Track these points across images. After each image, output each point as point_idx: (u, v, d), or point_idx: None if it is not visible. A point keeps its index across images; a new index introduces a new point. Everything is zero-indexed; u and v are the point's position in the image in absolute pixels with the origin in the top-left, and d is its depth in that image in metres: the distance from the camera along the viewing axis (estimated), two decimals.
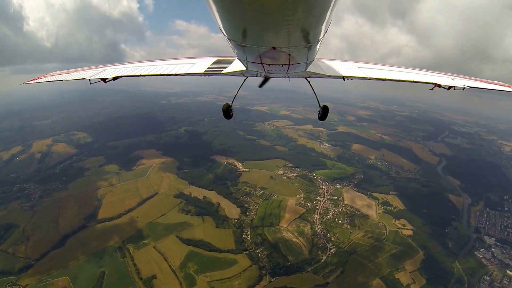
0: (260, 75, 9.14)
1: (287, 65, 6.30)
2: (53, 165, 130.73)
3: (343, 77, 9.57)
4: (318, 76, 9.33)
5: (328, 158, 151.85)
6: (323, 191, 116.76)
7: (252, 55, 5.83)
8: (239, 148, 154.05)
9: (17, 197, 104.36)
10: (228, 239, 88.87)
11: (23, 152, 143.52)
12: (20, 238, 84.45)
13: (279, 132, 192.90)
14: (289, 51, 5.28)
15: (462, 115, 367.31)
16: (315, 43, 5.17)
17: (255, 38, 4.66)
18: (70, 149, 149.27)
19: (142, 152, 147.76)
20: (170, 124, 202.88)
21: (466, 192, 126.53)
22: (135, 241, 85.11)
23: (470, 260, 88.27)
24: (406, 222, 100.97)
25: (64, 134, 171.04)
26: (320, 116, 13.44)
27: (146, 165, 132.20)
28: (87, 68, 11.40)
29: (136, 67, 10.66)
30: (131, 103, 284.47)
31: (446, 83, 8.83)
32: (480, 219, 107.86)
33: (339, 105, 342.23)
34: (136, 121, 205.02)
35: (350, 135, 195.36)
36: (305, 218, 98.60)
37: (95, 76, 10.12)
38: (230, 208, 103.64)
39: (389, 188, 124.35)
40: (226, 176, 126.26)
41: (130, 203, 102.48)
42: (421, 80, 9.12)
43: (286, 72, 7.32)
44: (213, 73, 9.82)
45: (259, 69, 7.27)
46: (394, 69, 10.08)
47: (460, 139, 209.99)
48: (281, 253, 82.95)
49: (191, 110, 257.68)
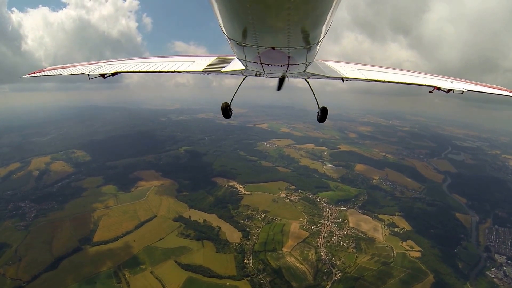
0: (260, 75, 9.29)
1: (286, 65, 6.48)
2: (51, 184, 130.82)
3: (342, 78, 9.68)
4: (318, 76, 9.46)
5: (332, 180, 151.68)
6: (327, 213, 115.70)
7: (251, 54, 5.94)
8: (241, 170, 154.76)
9: (12, 215, 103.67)
10: (229, 264, 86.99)
11: (21, 169, 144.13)
12: (12, 259, 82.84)
13: (281, 152, 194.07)
14: (288, 52, 5.41)
15: (463, 129, 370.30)
16: (315, 44, 5.29)
17: (255, 38, 4.76)
18: (69, 168, 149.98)
19: (141, 173, 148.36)
20: (170, 143, 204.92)
21: (473, 210, 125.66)
22: (131, 266, 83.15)
23: (482, 281, 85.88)
24: (413, 244, 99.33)
25: (63, 152, 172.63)
26: (319, 118, 13.30)
27: (145, 187, 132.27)
28: (86, 63, 11.22)
29: (135, 63, 10.66)
30: (130, 121, 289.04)
31: (445, 86, 9.06)
32: (489, 237, 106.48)
33: (339, 121, 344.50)
34: (135, 140, 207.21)
35: (353, 155, 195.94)
36: (309, 242, 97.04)
37: (94, 71, 9.97)
38: (231, 232, 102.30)
39: (394, 209, 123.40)
40: (227, 199, 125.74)
41: (128, 226, 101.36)
42: (421, 82, 9.25)
43: (285, 73, 7.50)
44: (212, 71, 9.89)
45: (258, 69, 7.38)
46: (394, 71, 10.21)
47: (463, 155, 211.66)
48: (284, 279, 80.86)
49: (191, 128, 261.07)
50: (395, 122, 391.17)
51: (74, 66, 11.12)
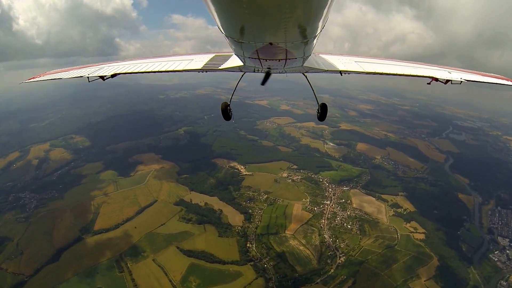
0: (258, 71, 9.09)
1: (284, 60, 6.24)
2: (50, 172, 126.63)
3: (340, 72, 9.59)
4: (315, 71, 9.37)
5: (333, 159, 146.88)
6: (329, 194, 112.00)
7: (249, 51, 5.74)
8: (241, 150, 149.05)
9: (12, 207, 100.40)
10: (231, 249, 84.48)
11: (20, 159, 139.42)
12: (14, 253, 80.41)
13: (282, 131, 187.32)
14: (286, 47, 5.25)
15: (463, 109, 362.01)
16: (312, 38, 5.15)
17: (252, 34, 4.69)
18: (68, 155, 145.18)
19: (141, 156, 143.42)
20: (169, 124, 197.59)
21: (475, 191, 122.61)
22: (133, 254, 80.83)
23: (485, 264, 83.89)
24: (417, 225, 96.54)
25: (61, 138, 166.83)
26: (320, 116, 12.91)
27: (145, 171, 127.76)
28: (85, 66, 11.43)
29: (134, 64, 10.68)
30: (129, 99, 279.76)
31: (443, 76, 8.85)
32: (492, 219, 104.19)
33: (339, 98, 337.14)
34: (134, 121, 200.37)
35: (354, 133, 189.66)
36: (312, 224, 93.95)
37: (93, 73, 10.09)
38: (233, 215, 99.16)
39: (397, 189, 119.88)
40: (228, 180, 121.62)
41: (128, 212, 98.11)
42: (418, 73, 9.17)
43: (283, 67, 7.25)
44: (210, 69, 9.80)
45: (256, 65, 7.26)
46: (391, 63, 10.12)
47: (465, 135, 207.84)
48: (288, 264, 78.46)
49: (190, 106, 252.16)
50: (395, 100, 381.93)
51: (74, 69, 11.20)
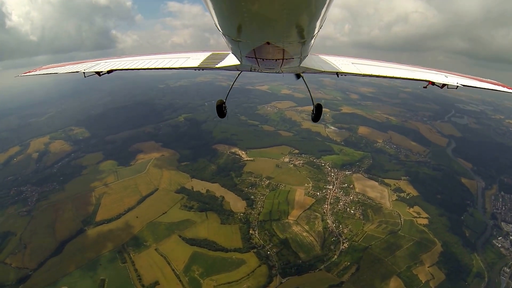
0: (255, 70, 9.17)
1: (281, 60, 6.14)
2: (51, 165, 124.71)
3: (336, 73, 9.40)
4: (312, 71, 9.22)
5: (335, 143, 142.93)
6: (332, 178, 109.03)
7: (246, 49, 5.77)
8: (242, 136, 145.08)
9: (14, 201, 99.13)
10: (234, 236, 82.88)
11: (20, 153, 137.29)
12: (17, 247, 79.69)
13: (282, 115, 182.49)
14: (283, 46, 5.25)
15: (466, 91, 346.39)
16: (310, 38, 5.11)
17: (250, 33, 4.66)
18: (68, 146, 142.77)
19: (141, 145, 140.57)
20: (169, 112, 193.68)
21: (478, 175, 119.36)
22: (135, 244, 79.80)
23: (488, 250, 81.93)
24: (420, 210, 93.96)
25: (61, 130, 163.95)
26: (314, 117, 12.93)
27: (145, 159, 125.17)
28: (81, 61, 11.27)
29: (130, 60, 10.55)
30: (129, 91, 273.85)
31: (440, 80, 8.79)
32: (495, 204, 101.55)
33: (340, 81, 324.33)
34: (134, 111, 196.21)
35: (356, 117, 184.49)
36: (315, 209, 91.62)
37: (89, 69, 9.84)
38: (235, 202, 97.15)
39: (400, 173, 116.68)
40: (229, 166, 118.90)
41: (130, 202, 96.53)
42: (415, 77, 9.12)
43: (280, 67, 7.08)
44: (207, 67, 9.73)
45: (253, 64, 7.21)
46: (388, 65, 10.09)
47: (467, 119, 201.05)
48: (291, 250, 76.81)
49: (190, 94, 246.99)
50: (397, 82, 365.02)
51: (69, 64, 11.14)
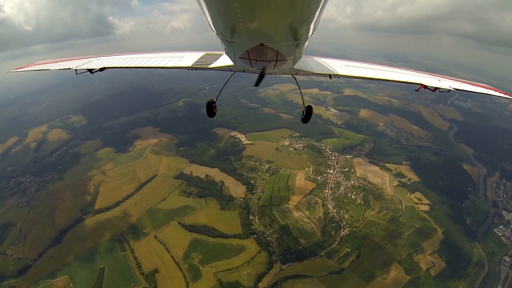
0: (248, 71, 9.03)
1: (274, 61, 6.00)
2: (49, 154, 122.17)
3: (330, 75, 9.38)
4: (305, 73, 9.12)
5: (335, 126, 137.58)
6: (333, 162, 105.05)
7: (240, 50, 5.63)
8: (242, 119, 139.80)
9: (14, 192, 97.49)
10: (234, 222, 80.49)
11: (18, 143, 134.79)
12: (17, 238, 78.77)
13: (284, 98, 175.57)
14: (277, 48, 5.12)
15: (472, 74, 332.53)
16: (304, 40, 5.01)
17: (244, 34, 4.53)
18: (65, 135, 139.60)
19: (139, 130, 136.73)
20: (168, 96, 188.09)
21: (480, 162, 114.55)
22: (134, 232, 78.17)
23: (489, 239, 78.98)
24: (421, 196, 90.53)
25: (59, 118, 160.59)
26: (304, 118, 12.96)
27: (143, 145, 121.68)
28: (74, 58, 11.10)
29: (123, 58, 10.46)
30: (128, 76, 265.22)
31: (432, 84, 8.72)
32: (497, 192, 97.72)
33: None
34: (133, 96, 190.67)
35: (357, 99, 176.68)
36: (316, 194, 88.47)
37: (81, 66, 9.81)
38: (235, 186, 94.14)
39: (401, 157, 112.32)
40: (229, 150, 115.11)
41: (128, 189, 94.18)
42: (408, 80, 9.08)
43: (273, 68, 6.78)
44: (200, 67, 9.46)
45: (246, 65, 6.82)
46: (381, 68, 10.06)
47: (471, 102, 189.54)
48: (292, 236, 74.36)
49: (191, 78, 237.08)
50: (400, 64, 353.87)
51: (62, 61, 11.02)
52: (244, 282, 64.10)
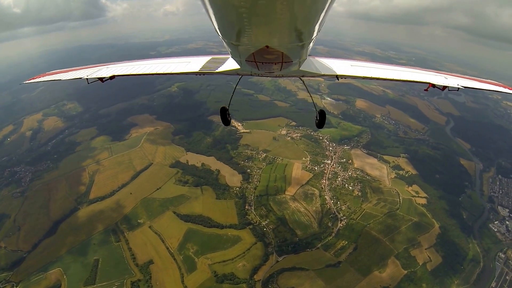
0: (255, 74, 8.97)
1: (280, 63, 6.03)
2: (45, 142, 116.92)
3: (336, 76, 9.17)
4: (312, 75, 8.78)
5: (332, 115, 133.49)
6: (330, 153, 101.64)
7: (245, 53, 5.61)
8: (237, 106, 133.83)
9: (8, 182, 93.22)
10: (229, 212, 77.91)
11: (14, 132, 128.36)
12: (11, 229, 75.43)
13: (277, 84, 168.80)
14: (282, 50, 5.10)
15: (462, 66, 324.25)
16: (309, 42, 4.97)
17: (249, 37, 4.52)
18: (61, 123, 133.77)
19: (135, 118, 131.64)
20: (161, 80, 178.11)
21: (477, 157, 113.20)
22: (129, 222, 75.54)
23: (485, 235, 77.35)
24: (419, 189, 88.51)
25: (54, 105, 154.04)
26: (318, 123, 12.68)
27: (139, 133, 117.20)
28: (84, 67, 11.28)
29: (132, 65, 10.53)
30: (120, 58, 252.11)
31: (440, 82, 8.43)
32: (493, 187, 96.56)
33: (334, 49, 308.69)
34: (126, 81, 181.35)
35: (352, 88, 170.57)
36: (313, 184, 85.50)
37: (92, 75, 9.93)
38: (231, 175, 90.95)
39: (399, 150, 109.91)
40: (225, 139, 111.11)
41: (124, 178, 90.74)
42: (415, 79, 8.82)
43: (280, 71, 6.94)
44: (207, 72, 9.45)
45: (253, 68, 6.92)
46: (388, 68, 9.76)
47: (464, 97, 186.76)
48: (288, 227, 71.94)
49: None
50: (391, 53, 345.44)
51: (72, 70, 11.30)
52: (240, 274, 62.16)
